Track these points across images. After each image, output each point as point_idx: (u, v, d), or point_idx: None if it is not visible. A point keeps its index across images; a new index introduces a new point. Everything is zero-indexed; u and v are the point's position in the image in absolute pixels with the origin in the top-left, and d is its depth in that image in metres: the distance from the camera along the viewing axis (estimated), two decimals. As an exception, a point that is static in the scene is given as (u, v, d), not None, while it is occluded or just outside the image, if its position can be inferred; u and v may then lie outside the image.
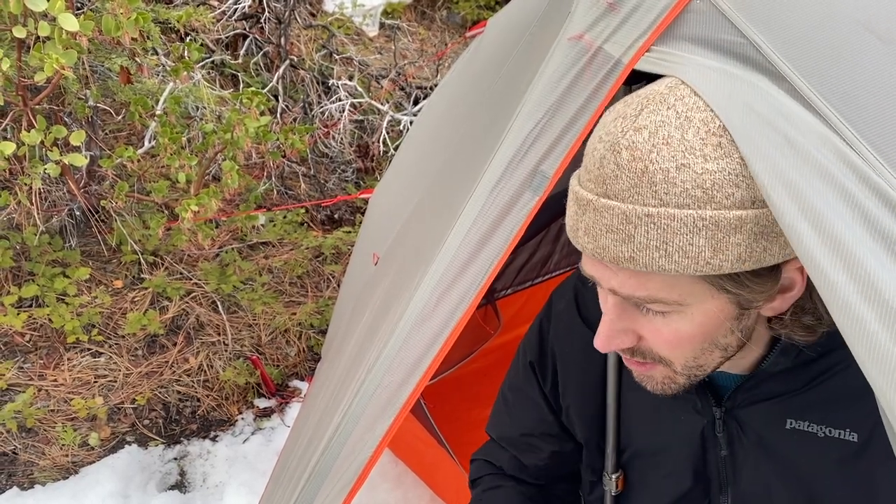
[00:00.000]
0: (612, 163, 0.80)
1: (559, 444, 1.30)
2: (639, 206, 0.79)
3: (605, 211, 0.81)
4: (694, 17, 0.88)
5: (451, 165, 1.42)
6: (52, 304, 2.83)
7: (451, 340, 0.99)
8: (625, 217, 0.80)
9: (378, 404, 1.08)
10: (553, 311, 1.28)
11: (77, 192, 2.78)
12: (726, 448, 1.10)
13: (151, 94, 3.15)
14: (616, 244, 0.81)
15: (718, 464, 1.11)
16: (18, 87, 2.38)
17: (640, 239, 0.80)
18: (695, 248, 0.79)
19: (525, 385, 1.31)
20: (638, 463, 1.21)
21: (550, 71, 0.95)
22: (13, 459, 2.48)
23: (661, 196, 0.78)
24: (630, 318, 0.91)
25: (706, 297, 0.86)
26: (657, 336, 0.91)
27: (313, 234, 3.65)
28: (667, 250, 0.79)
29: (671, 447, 1.15)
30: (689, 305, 0.86)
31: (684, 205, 0.78)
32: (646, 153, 0.78)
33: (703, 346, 0.92)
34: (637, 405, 1.18)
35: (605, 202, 0.81)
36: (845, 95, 0.82)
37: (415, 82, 4.61)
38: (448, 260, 1.02)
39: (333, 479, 1.14)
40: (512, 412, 1.36)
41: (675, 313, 0.87)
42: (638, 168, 0.79)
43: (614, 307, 0.90)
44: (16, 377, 2.67)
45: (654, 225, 0.79)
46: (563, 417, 1.28)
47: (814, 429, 1.02)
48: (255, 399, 2.89)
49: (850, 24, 0.90)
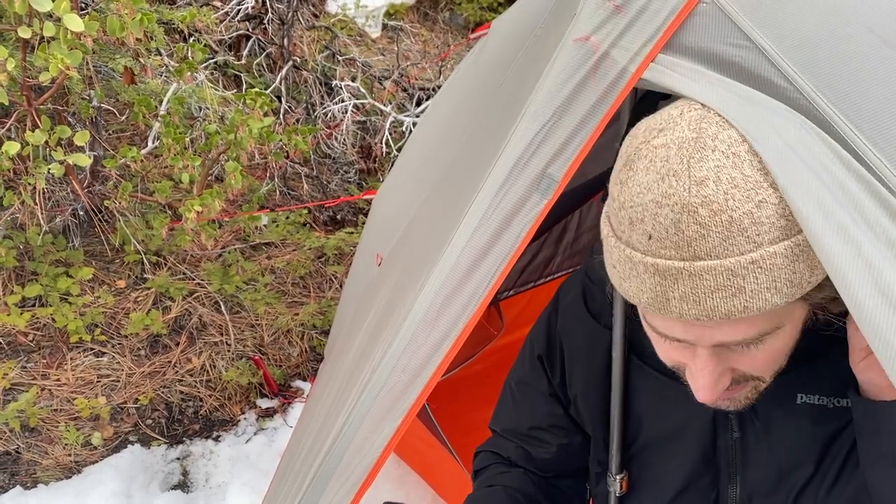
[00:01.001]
0: (692, 224, 0.77)
1: (567, 437, 1.31)
2: (739, 256, 0.78)
3: (705, 273, 0.78)
4: (700, 21, 0.89)
5: (455, 166, 1.42)
6: (56, 303, 2.83)
7: (461, 342, 1.00)
8: (730, 272, 0.78)
9: (384, 405, 1.09)
10: (560, 304, 1.29)
11: (81, 192, 2.78)
12: (738, 430, 1.10)
13: (155, 94, 3.16)
14: (726, 300, 0.79)
15: (729, 450, 1.12)
16: (23, 87, 2.39)
17: (751, 287, 0.79)
18: (798, 274, 0.80)
19: (533, 379, 1.31)
20: (648, 452, 1.22)
21: (556, 72, 0.96)
22: (16, 459, 2.49)
23: (755, 238, 0.77)
24: (725, 359, 0.90)
25: (796, 311, 0.87)
26: (753, 363, 0.91)
27: (316, 235, 3.66)
28: (777, 287, 0.79)
29: (682, 432, 1.15)
30: (784, 325, 0.88)
31: (777, 239, 0.78)
32: (723, 203, 0.76)
33: (787, 353, 0.93)
34: (647, 392, 1.18)
35: (702, 265, 0.78)
36: (853, 100, 0.82)
37: (417, 83, 4.61)
38: (453, 260, 1.02)
39: (340, 480, 1.15)
40: (519, 406, 1.35)
41: (770, 337, 0.88)
42: (723, 220, 0.77)
43: (710, 357, 0.89)
44: (19, 377, 2.68)
45: (761, 269, 0.78)
46: (571, 409, 1.29)
47: (823, 401, 1.03)
48: (258, 399, 2.89)
49: (857, 28, 0.90)
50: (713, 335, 0.85)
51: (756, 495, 1.12)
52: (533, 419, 1.32)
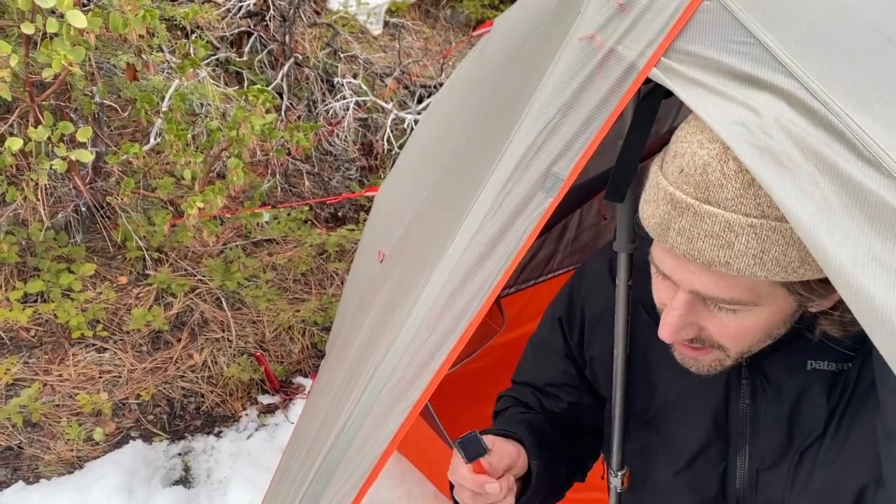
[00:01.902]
0: (717, 171, 0.84)
1: (578, 397, 1.35)
2: (742, 216, 0.84)
3: (707, 217, 0.85)
4: (704, 19, 0.89)
5: (458, 164, 1.42)
6: (58, 299, 2.84)
7: (465, 339, 1.00)
8: (727, 225, 0.84)
9: (387, 401, 1.09)
10: (586, 271, 1.34)
11: (83, 188, 2.79)
12: (749, 397, 1.14)
13: (157, 91, 3.16)
14: (714, 249, 0.86)
15: (739, 418, 1.15)
16: (26, 84, 2.39)
17: (740, 246, 0.84)
18: (787, 258, 0.85)
19: (551, 338, 1.36)
20: (662, 417, 1.24)
21: (561, 70, 0.96)
22: (18, 454, 2.50)
23: (764, 209, 0.83)
24: (697, 313, 0.97)
25: (778, 298, 0.92)
26: (722, 329, 0.97)
27: (317, 232, 3.66)
28: (762, 259, 0.85)
29: (695, 398, 1.19)
30: (762, 305, 0.93)
31: (782, 218, 0.82)
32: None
33: (760, 338, 0.99)
34: (662, 359, 1.21)
35: (708, 208, 0.85)
36: (855, 96, 0.82)
37: (419, 81, 4.61)
38: (457, 257, 1.02)
39: (343, 476, 1.15)
40: (537, 363, 1.41)
41: (744, 311, 0.93)
42: (746, 179, 0.83)
43: (685, 304, 0.95)
44: (21, 372, 2.68)
45: (756, 235, 0.84)
46: (586, 370, 1.34)
47: (832, 367, 1.06)
48: (259, 395, 2.90)
49: (861, 25, 0.91)
50: (692, 281, 0.92)
51: (763, 467, 1.15)
52: (548, 375, 1.38)
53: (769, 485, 1.14)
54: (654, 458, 1.26)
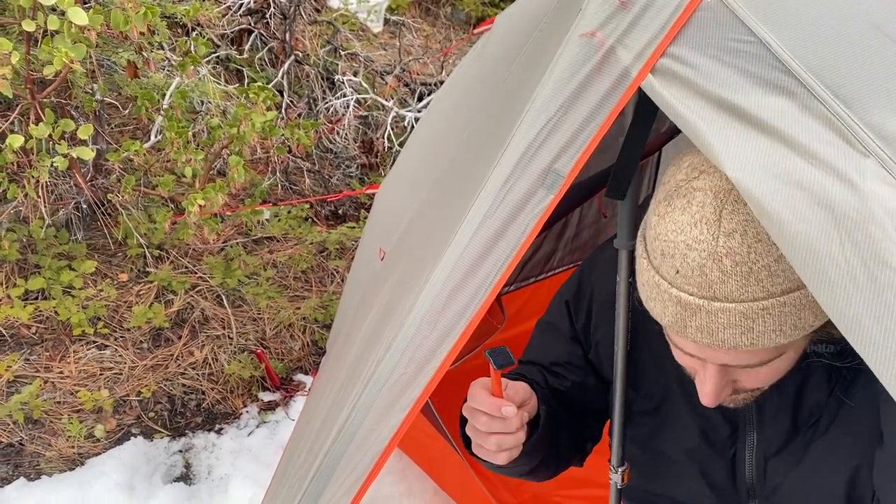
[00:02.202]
0: (715, 270, 0.88)
1: (582, 377, 1.37)
2: (752, 302, 0.88)
3: (721, 312, 0.90)
4: (705, 16, 0.89)
5: (459, 161, 1.43)
6: (58, 296, 2.84)
7: (466, 335, 1.01)
8: (742, 315, 0.89)
9: (389, 397, 1.09)
10: (597, 259, 1.36)
11: (84, 185, 2.79)
12: None
13: (158, 88, 3.16)
14: (736, 336, 0.91)
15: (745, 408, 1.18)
16: (27, 81, 2.40)
17: (759, 328, 0.90)
18: (803, 320, 0.91)
19: (558, 320, 1.40)
20: (671, 401, 1.26)
21: (562, 67, 0.96)
22: (20, 450, 2.50)
23: (769, 289, 0.88)
24: (730, 374, 1.02)
25: (800, 341, 0.98)
26: (756, 378, 1.03)
27: (318, 230, 3.67)
28: (782, 330, 0.90)
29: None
30: (788, 351, 0.99)
31: (789, 290, 0.88)
32: (745, 256, 0.87)
33: (788, 369, 1.04)
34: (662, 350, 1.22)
35: (719, 305, 0.90)
36: (856, 95, 0.83)
37: (419, 79, 4.61)
38: (458, 254, 1.02)
39: (344, 472, 1.15)
40: (543, 342, 1.44)
41: (775, 360, 0.99)
42: (743, 271, 0.87)
43: (717, 372, 1.00)
44: (22, 369, 2.69)
45: (770, 314, 0.89)
46: (591, 353, 1.36)
47: (830, 349, 1.08)
48: (260, 392, 2.90)
49: (862, 23, 0.91)
50: (721, 357, 0.97)
51: (770, 454, 1.18)
52: (553, 355, 1.41)
53: (777, 471, 1.17)
54: (664, 442, 1.28)
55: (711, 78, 0.87)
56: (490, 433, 1.10)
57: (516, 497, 2.32)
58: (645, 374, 1.26)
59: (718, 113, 0.85)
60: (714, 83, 0.87)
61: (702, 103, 0.86)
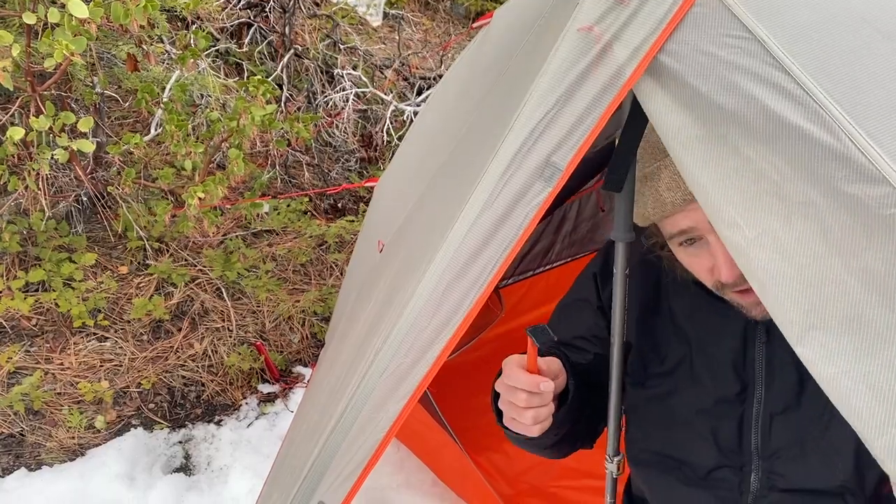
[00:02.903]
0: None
1: (605, 349, 1.37)
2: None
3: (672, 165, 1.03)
4: (701, 12, 0.90)
5: (457, 154, 1.43)
6: (59, 288, 2.85)
7: (465, 326, 1.02)
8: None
9: (387, 387, 1.11)
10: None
11: (84, 177, 2.80)
12: (765, 335, 1.21)
13: (158, 81, 3.17)
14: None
15: (756, 362, 1.21)
16: (27, 73, 2.40)
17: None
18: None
19: (585, 292, 1.43)
20: (686, 363, 1.29)
21: (559, 61, 0.97)
22: (20, 441, 2.52)
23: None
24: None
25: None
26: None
27: (317, 223, 3.68)
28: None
29: (717, 343, 1.25)
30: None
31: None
32: None
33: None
34: (687, 311, 1.29)
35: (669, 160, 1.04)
36: (850, 93, 0.84)
37: (418, 73, 4.62)
38: (456, 246, 1.04)
39: (343, 459, 1.17)
40: (565, 320, 1.47)
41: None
42: None
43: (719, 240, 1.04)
44: (23, 360, 2.70)
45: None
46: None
47: None
48: (259, 384, 2.92)
49: (855, 20, 0.92)
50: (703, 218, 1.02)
51: (776, 412, 1.20)
52: (577, 329, 1.43)
53: (782, 431, 1.20)
54: (678, 402, 1.30)
55: (705, 76, 0.88)
56: (528, 408, 1.13)
57: (514, 488, 2.34)
58: (665, 338, 1.30)
59: (706, 118, 0.87)
60: (708, 81, 0.88)
61: (694, 103, 0.88)
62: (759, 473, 1.24)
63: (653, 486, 1.40)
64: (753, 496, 1.25)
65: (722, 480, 1.27)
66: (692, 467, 1.30)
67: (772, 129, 0.85)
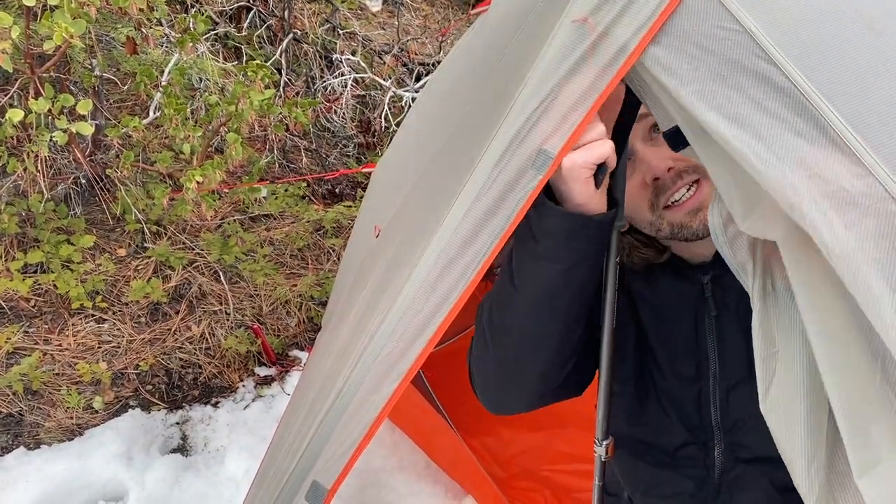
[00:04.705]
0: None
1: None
2: None
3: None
4: (693, 4, 0.92)
5: (454, 141, 1.45)
6: (58, 270, 2.87)
7: (456, 310, 1.04)
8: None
9: (381, 369, 1.13)
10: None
11: (83, 160, 2.81)
12: (715, 309, 1.24)
13: (156, 64, 3.17)
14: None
15: (708, 339, 1.24)
16: (26, 55, 2.41)
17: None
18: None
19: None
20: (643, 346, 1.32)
21: (553, 51, 0.99)
22: (19, 420, 2.55)
23: None
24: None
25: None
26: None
27: (314, 208, 3.69)
28: None
29: (669, 322, 1.29)
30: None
31: None
32: None
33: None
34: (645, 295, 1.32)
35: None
36: (837, 83, 0.86)
37: (417, 58, 4.62)
38: (450, 232, 1.06)
39: (337, 440, 1.19)
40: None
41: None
42: None
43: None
44: (21, 341, 2.73)
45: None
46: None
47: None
48: (256, 367, 2.95)
49: (845, 10, 0.94)
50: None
51: (731, 385, 1.24)
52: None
53: (738, 404, 1.23)
54: (640, 386, 1.33)
55: (696, 67, 0.90)
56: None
57: (507, 471, 2.37)
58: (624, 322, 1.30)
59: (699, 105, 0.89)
60: (699, 72, 0.90)
61: (684, 91, 0.90)
62: (722, 447, 1.27)
63: (624, 469, 1.43)
64: (719, 470, 1.28)
65: (688, 459, 1.30)
66: (660, 448, 1.33)
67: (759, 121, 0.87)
